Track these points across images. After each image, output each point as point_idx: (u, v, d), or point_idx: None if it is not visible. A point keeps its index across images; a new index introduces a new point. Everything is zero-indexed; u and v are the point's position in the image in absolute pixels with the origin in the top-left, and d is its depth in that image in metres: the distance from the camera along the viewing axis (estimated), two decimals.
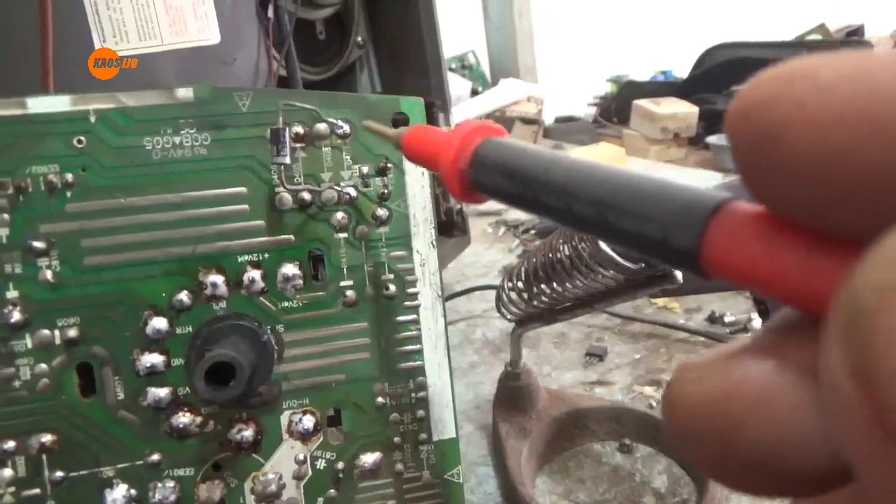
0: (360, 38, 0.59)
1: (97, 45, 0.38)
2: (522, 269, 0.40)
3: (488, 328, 0.61)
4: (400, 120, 0.21)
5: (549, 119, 1.23)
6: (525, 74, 1.25)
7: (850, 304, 0.06)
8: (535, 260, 0.38)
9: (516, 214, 0.90)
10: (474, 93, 1.19)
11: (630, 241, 0.09)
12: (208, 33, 0.43)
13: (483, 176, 0.12)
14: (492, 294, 0.65)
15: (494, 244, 0.82)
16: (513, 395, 0.44)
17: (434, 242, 0.21)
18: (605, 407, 0.45)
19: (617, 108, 1.21)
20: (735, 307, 0.59)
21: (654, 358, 0.53)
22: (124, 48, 0.39)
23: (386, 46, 0.61)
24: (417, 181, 0.21)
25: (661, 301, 0.61)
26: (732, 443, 0.07)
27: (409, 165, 0.21)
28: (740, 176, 0.08)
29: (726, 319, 0.56)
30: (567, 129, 1.21)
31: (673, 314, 0.59)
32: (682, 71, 1.24)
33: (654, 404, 0.46)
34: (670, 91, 1.16)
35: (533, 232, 0.82)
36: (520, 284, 0.40)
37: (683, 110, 1.07)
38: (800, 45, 1.14)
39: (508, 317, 0.43)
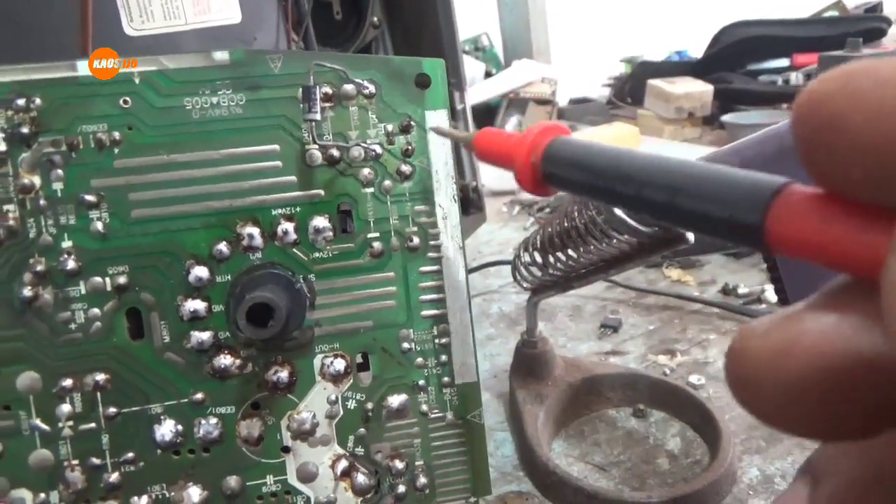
0: (375, 19, 0.60)
1: (124, 25, 0.39)
2: (538, 237, 0.41)
3: (504, 303, 0.62)
4: (423, 80, 0.22)
5: (562, 100, 1.23)
6: (538, 56, 1.25)
7: None
8: (549, 229, 0.40)
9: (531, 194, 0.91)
10: (488, 75, 1.19)
11: (698, 222, 0.10)
12: (230, 13, 0.44)
13: (555, 169, 0.13)
14: (507, 270, 0.66)
15: (509, 223, 0.83)
16: (529, 362, 0.45)
17: (455, 196, 0.23)
18: (619, 373, 0.46)
19: (631, 88, 1.21)
20: (748, 279, 0.60)
21: (668, 329, 0.54)
22: (150, 27, 0.40)
23: (401, 27, 0.62)
24: (439, 139, 0.22)
25: (674, 274, 0.62)
26: (797, 392, 0.08)
27: (431, 123, 0.22)
28: (801, 160, 0.09)
29: (740, 291, 0.57)
30: (581, 110, 1.22)
31: (687, 287, 0.60)
32: (697, 51, 1.24)
33: (668, 372, 0.47)
34: (685, 71, 1.15)
35: (548, 210, 0.83)
36: (535, 253, 0.41)
37: (698, 89, 1.07)
38: (816, 23, 1.13)
39: (524, 285, 0.44)
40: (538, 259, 0.41)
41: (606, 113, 1.20)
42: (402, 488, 0.23)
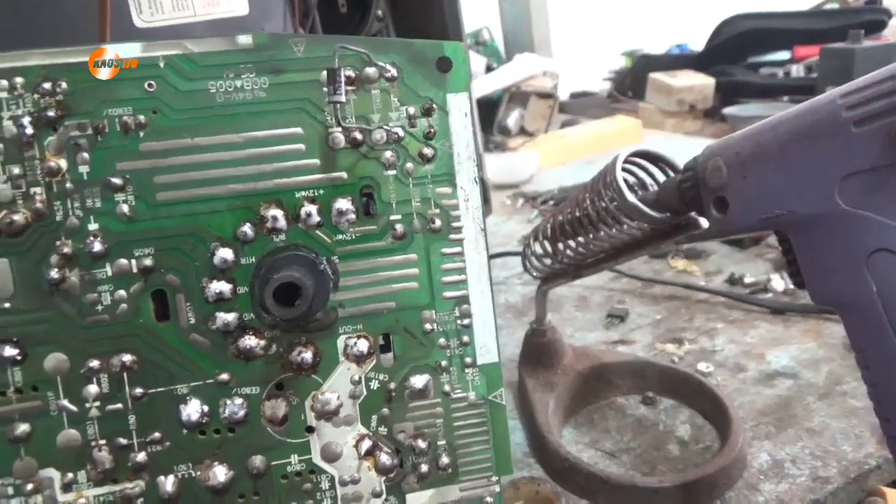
0: (380, 12, 0.60)
1: (134, 17, 0.39)
2: (548, 225, 0.41)
3: (511, 294, 0.62)
4: (444, 64, 0.22)
5: (563, 94, 1.23)
6: (539, 49, 1.25)
7: None
8: (560, 217, 0.40)
9: (534, 187, 0.91)
10: (489, 69, 1.19)
11: None
12: (237, 5, 0.44)
13: None
14: (513, 261, 0.66)
15: (513, 216, 0.83)
16: (539, 351, 0.45)
17: (477, 179, 0.23)
18: (628, 361, 0.46)
19: (632, 82, 1.21)
20: (754, 269, 0.60)
21: (675, 318, 0.54)
22: (159, 19, 0.40)
23: (406, 20, 0.62)
24: (461, 121, 0.23)
25: (680, 264, 0.62)
26: None
27: (452, 106, 0.22)
28: None
29: (746, 280, 0.57)
30: (582, 103, 1.22)
31: (692, 277, 0.60)
32: (698, 44, 1.24)
33: (676, 360, 0.48)
34: (686, 64, 1.16)
35: (552, 203, 0.83)
36: (546, 242, 0.41)
37: (699, 82, 1.07)
38: (817, 15, 1.13)
39: (534, 274, 0.44)
40: (548, 248, 0.41)
41: (607, 106, 1.20)
42: (424, 468, 0.23)
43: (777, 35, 1.11)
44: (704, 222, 0.32)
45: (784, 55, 1.12)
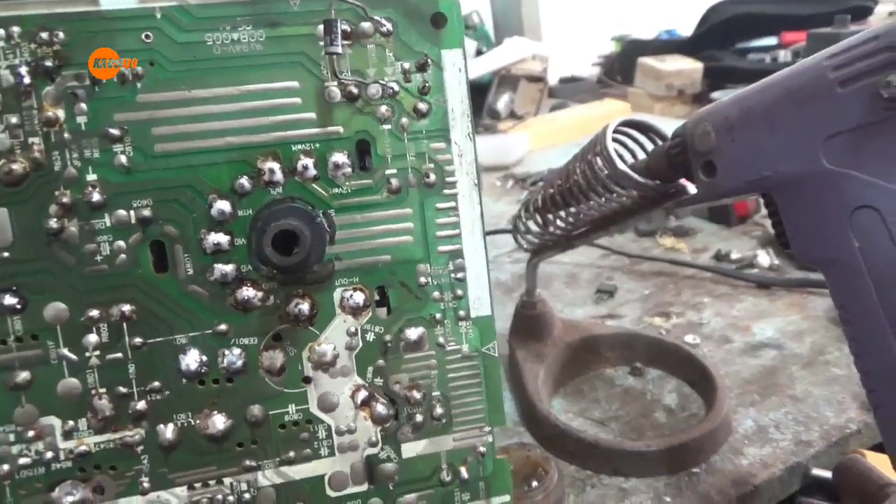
0: None
1: None
2: (539, 197, 0.42)
3: (500, 271, 0.63)
4: (439, 19, 0.23)
5: (553, 80, 1.24)
6: (529, 33, 1.25)
7: None
8: (551, 190, 0.40)
9: (524, 168, 0.92)
10: (478, 53, 1.19)
11: None
12: None
13: None
14: (502, 239, 0.67)
15: (503, 197, 0.84)
16: (529, 323, 0.46)
17: (471, 135, 0.23)
18: (617, 333, 0.47)
19: (621, 66, 1.22)
20: (740, 245, 0.61)
21: (662, 293, 0.55)
22: None
23: None
24: (455, 77, 0.23)
25: (668, 242, 0.63)
26: None
27: (447, 62, 0.23)
28: None
29: (732, 256, 0.58)
30: (571, 88, 1.22)
31: (680, 254, 0.61)
32: (687, 30, 1.25)
33: (664, 332, 0.49)
34: (675, 49, 1.16)
35: (541, 184, 0.83)
36: (536, 213, 0.42)
37: (688, 67, 1.08)
38: (805, 0, 1.14)
39: (525, 246, 0.45)
40: (539, 219, 0.42)
41: (596, 91, 1.21)
42: (419, 418, 0.23)
43: (764, 20, 1.12)
44: (692, 188, 0.33)
45: (771, 41, 1.13)
